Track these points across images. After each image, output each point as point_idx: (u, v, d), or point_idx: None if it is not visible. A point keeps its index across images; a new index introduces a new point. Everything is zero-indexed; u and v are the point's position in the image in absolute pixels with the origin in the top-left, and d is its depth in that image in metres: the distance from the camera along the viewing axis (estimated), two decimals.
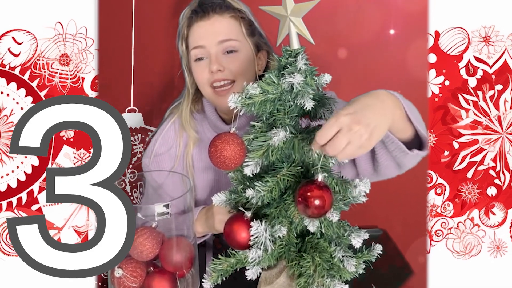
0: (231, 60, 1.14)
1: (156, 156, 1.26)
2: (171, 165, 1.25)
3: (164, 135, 1.27)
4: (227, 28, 1.14)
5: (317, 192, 0.79)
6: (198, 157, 1.26)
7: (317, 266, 0.84)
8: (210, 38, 1.13)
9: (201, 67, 1.16)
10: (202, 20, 1.14)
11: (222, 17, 1.14)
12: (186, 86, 1.25)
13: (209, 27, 1.14)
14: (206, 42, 1.14)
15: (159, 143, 1.26)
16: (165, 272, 0.90)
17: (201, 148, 1.25)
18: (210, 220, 1.11)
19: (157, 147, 1.26)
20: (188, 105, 1.24)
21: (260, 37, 1.21)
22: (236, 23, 1.15)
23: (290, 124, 0.83)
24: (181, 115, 1.24)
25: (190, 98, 1.24)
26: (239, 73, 1.14)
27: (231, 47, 1.14)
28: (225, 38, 1.13)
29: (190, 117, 1.24)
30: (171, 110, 1.29)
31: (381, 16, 1.49)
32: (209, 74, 1.15)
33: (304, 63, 0.80)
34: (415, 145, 0.97)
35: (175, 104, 1.29)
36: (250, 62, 1.17)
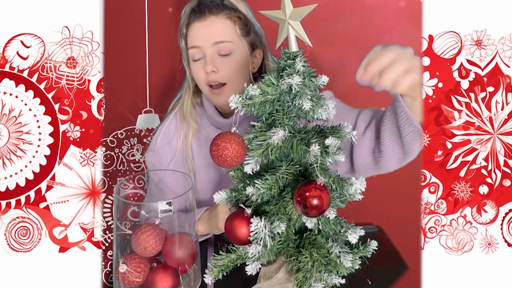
0: (225, 62, 1.16)
1: (158, 148, 1.27)
2: (171, 156, 1.26)
3: (166, 129, 1.28)
4: (222, 30, 1.15)
5: (315, 192, 0.79)
6: (199, 155, 1.26)
7: (314, 262, 0.84)
8: (206, 39, 1.15)
9: (198, 67, 1.18)
10: (199, 21, 1.15)
11: (218, 18, 1.15)
12: (186, 79, 1.26)
13: (205, 28, 1.15)
14: (202, 43, 1.15)
15: (161, 137, 1.28)
16: (168, 267, 0.90)
17: (201, 146, 1.25)
18: (214, 219, 1.11)
19: (159, 140, 1.27)
20: (189, 96, 1.27)
21: (256, 36, 1.21)
22: (231, 24, 1.16)
23: (289, 124, 0.83)
24: (183, 106, 1.26)
25: (191, 90, 1.27)
26: (232, 75, 1.16)
27: (225, 50, 1.15)
28: (220, 39, 1.15)
29: (191, 107, 1.26)
30: (174, 104, 1.30)
31: (377, 20, 1.49)
32: (205, 74, 1.16)
33: (302, 65, 0.80)
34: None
35: (177, 98, 1.30)
36: (244, 63, 1.18)
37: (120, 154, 1.54)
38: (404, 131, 0.99)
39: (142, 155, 1.54)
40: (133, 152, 1.54)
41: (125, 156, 1.54)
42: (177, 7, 1.49)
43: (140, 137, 1.55)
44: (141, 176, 1.31)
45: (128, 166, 1.54)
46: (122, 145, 1.54)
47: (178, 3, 1.48)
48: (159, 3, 1.50)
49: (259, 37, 1.22)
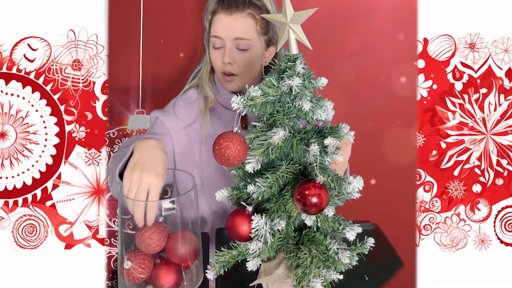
0: (241, 56, 1.21)
1: (177, 105, 1.27)
2: (191, 117, 1.27)
3: (185, 93, 1.30)
4: (245, 28, 1.20)
5: (314, 191, 0.79)
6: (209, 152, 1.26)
7: (313, 258, 0.84)
8: (228, 33, 1.20)
9: (217, 55, 1.22)
10: (225, 13, 1.20)
11: (242, 15, 1.19)
12: (206, 54, 1.29)
13: (228, 23, 1.20)
14: (224, 35, 1.20)
15: (180, 98, 1.30)
16: (171, 263, 0.90)
17: (210, 121, 1.28)
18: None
19: (178, 101, 1.29)
20: (207, 71, 1.30)
21: (274, 34, 1.26)
22: (253, 22, 1.21)
23: (289, 124, 0.83)
24: (202, 77, 1.30)
25: (209, 66, 1.30)
26: (244, 68, 1.22)
27: (244, 45, 1.20)
28: (241, 36, 1.19)
29: (208, 80, 1.29)
30: (193, 76, 1.33)
31: (374, 24, 1.49)
32: (221, 63, 1.21)
33: (302, 67, 0.80)
34: None
35: (196, 71, 1.34)
36: (257, 58, 1.24)
37: (112, 153, 1.54)
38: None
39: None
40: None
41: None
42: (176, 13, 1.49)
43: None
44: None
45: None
46: (114, 144, 1.54)
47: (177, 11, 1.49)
48: (160, 9, 1.50)
49: (276, 34, 1.27)
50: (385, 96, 1.47)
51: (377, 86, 1.49)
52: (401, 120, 1.45)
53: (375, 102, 1.48)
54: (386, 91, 1.48)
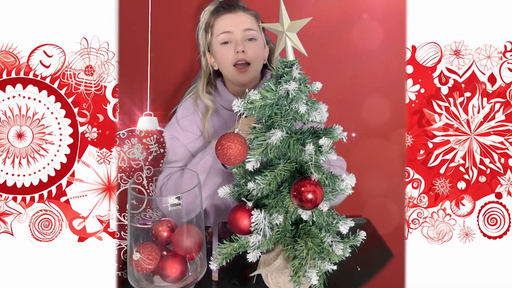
0: (250, 46, 1.25)
1: (181, 119, 1.30)
2: (195, 127, 1.30)
3: (184, 104, 1.33)
4: (250, 21, 1.26)
5: (310, 188, 0.79)
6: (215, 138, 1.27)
7: (309, 250, 0.84)
8: (236, 26, 1.24)
9: (226, 49, 1.25)
10: (229, 13, 1.26)
11: (245, 13, 1.26)
12: (202, 69, 1.33)
13: (235, 19, 1.25)
14: (233, 29, 1.24)
15: (181, 110, 1.33)
16: (177, 255, 0.90)
17: (216, 130, 1.30)
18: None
19: (180, 114, 1.31)
20: (203, 85, 1.32)
21: (266, 36, 1.33)
22: (255, 19, 1.27)
23: (286, 126, 0.84)
24: (198, 91, 1.32)
25: (205, 79, 1.33)
26: (255, 57, 1.25)
27: (252, 36, 1.25)
28: (249, 27, 1.25)
29: (206, 91, 1.32)
30: (188, 92, 1.35)
31: (366, 33, 1.49)
32: (234, 54, 1.24)
33: (298, 72, 0.81)
34: None
35: (190, 88, 1.35)
36: (262, 49, 1.29)
37: (122, 152, 1.54)
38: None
39: (141, 154, 1.54)
40: (133, 150, 1.54)
41: (126, 154, 1.54)
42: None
43: (140, 137, 1.55)
44: (140, 173, 1.30)
45: (128, 164, 1.54)
46: (123, 144, 1.54)
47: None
48: (167, 18, 1.50)
49: (267, 37, 1.34)
50: (376, 99, 1.47)
51: (368, 90, 1.49)
52: (391, 122, 1.45)
53: (367, 105, 1.48)
54: (377, 95, 1.48)
